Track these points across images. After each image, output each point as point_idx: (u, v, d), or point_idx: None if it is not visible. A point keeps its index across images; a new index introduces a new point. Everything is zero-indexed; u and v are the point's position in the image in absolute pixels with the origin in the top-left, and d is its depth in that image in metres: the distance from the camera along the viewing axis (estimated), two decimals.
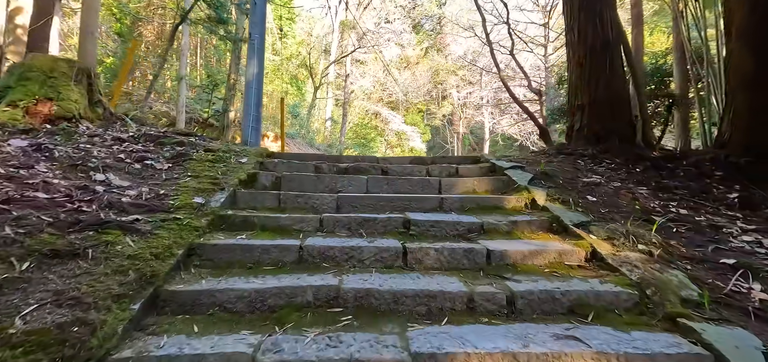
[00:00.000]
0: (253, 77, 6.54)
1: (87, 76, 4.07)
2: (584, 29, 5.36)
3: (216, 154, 3.83)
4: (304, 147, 20.94)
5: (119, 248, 1.99)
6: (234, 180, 3.35)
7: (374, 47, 24.28)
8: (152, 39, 21.79)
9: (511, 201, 3.40)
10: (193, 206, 2.70)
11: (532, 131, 24.65)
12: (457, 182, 3.82)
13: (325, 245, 2.47)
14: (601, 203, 3.36)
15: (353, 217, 2.93)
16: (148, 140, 3.84)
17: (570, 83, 5.60)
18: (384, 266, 2.44)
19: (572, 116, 5.48)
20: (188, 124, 15.99)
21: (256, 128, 6.48)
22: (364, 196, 3.38)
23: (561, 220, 2.96)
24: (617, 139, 5.00)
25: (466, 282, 2.23)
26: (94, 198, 2.35)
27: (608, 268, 2.40)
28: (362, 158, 4.62)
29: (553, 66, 20.47)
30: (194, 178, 3.23)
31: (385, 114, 27.24)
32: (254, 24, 6.86)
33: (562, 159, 4.61)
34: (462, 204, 3.36)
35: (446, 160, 4.70)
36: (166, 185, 2.96)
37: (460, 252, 2.50)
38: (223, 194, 3.06)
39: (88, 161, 2.90)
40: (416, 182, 3.78)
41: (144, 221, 2.30)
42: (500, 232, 2.92)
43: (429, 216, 3.03)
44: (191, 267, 2.23)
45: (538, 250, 2.55)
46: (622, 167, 4.36)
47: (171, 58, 20.52)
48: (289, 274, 2.24)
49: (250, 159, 3.98)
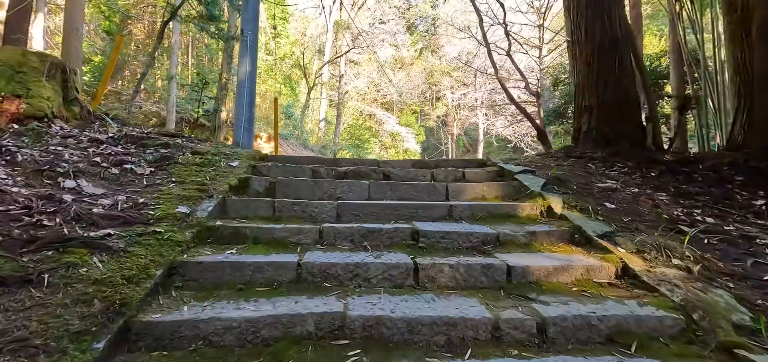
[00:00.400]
0: (246, 76, 6.21)
1: (62, 71, 3.72)
2: (592, 27, 5.13)
3: (204, 157, 3.50)
4: (297, 148, 20.57)
5: (84, 271, 1.67)
6: (224, 186, 3.03)
7: (369, 48, 23.99)
8: (142, 37, 21.27)
9: (525, 209, 3.13)
10: (177, 217, 2.38)
11: (527, 133, 24.57)
12: (465, 188, 3.54)
13: (326, 261, 2.17)
14: (622, 210, 3.11)
15: (356, 228, 2.63)
16: (129, 141, 3.50)
17: (576, 83, 5.37)
18: (393, 285, 2.15)
19: (579, 117, 5.24)
20: (179, 124, 15.55)
21: (248, 128, 6.14)
22: (366, 203, 3.08)
23: (583, 230, 2.69)
24: (627, 142, 4.77)
25: (488, 304, 1.94)
26: (58, 210, 2.03)
27: (644, 287, 2.14)
28: (362, 162, 4.32)
29: (548, 68, 20.36)
30: (179, 184, 2.91)
31: (379, 115, 26.96)
32: (247, 21, 6.52)
33: (572, 163, 4.36)
34: (472, 212, 3.08)
35: (451, 163, 4.43)
36: (146, 193, 2.64)
37: (477, 269, 2.22)
38: (211, 202, 2.74)
39: (57, 166, 2.57)
40: (421, 188, 3.49)
41: (117, 236, 1.98)
42: (517, 244, 2.64)
43: (439, 226, 2.75)
44: (172, 290, 1.92)
45: (563, 266, 2.28)
46: (636, 171, 4.12)
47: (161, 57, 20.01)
48: (286, 297, 1.94)
49: (242, 163, 3.66)
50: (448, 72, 28.56)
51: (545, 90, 17.23)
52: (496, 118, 26.09)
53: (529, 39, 20.81)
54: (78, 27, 9.19)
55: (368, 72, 26.79)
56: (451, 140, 29.84)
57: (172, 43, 13.32)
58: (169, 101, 12.99)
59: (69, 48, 9.05)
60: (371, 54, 25.15)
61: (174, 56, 12.92)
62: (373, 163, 4.33)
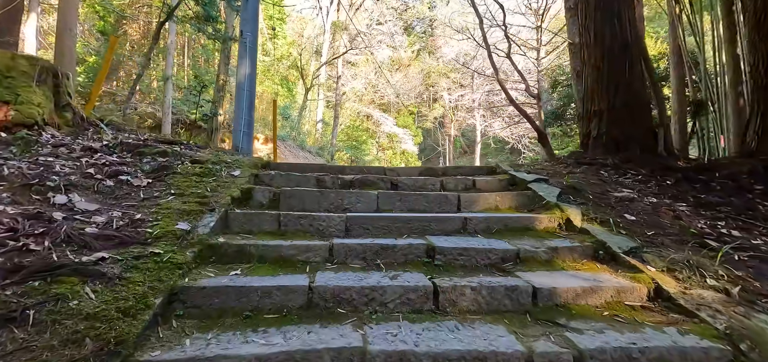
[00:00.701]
0: (245, 78, 6.02)
1: (53, 75, 3.51)
2: (601, 30, 4.99)
3: (204, 166, 3.32)
4: (294, 149, 20.36)
5: (74, 304, 1.49)
6: (226, 198, 2.85)
7: (366, 49, 23.82)
8: (138, 38, 20.97)
9: (542, 221, 2.98)
10: (177, 235, 2.20)
11: (524, 134, 24.51)
12: (478, 198, 3.38)
13: (339, 285, 2.00)
14: (643, 223, 2.96)
15: (368, 244, 2.46)
16: (125, 149, 3.31)
17: (585, 87, 5.23)
18: (412, 310, 1.99)
19: (588, 122, 5.11)
20: (175, 126, 15.31)
21: (248, 133, 5.95)
22: (375, 216, 2.92)
23: (608, 246, 2.54)
24: (638, 147, 4.64)
25: (517, 333, 1.79)
26: (47, 231, 1.84)
27: (681, 311, 1.99)
28: (368, 170, 4.16)
29: (545, 70, 20.31)
30: (178, 197, 2.73)
31: (376, 116, 26.79)
32: (246, 21, 6.33)
33: (584, 170, 4.22)
34: (488, 225, 2.92)
35: (460, 171, 4.28)
36: (143, 207, 2.45)
37: (500, 291, 2.06)
38: (212, 217, 2.56)
39: (47, 179, 2.38)
40: (432, 199, 3.33)
41: (112, 259, 1.80)
42: (539, 261, 2.49)
43: (455, 242, 2.59)
44: (172, 320, 1.74)
45: (591, 287, 2.12)
46: (651, 179, 3.99)
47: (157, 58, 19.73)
48: (298, 325, 1.78)
49: (244, 171, 3.49)
50: (445, 73, 28.47)
51: (543, 92, 17.16)
52: (494, 119, 26.04)
53: (526, 41, 20.75)
54: (71, 27, 8.93)
55: (366, 73, 26.64)
56: (448, 141, 29.74)
57: (168, 44, 13.08)
58: (165, 103, 12.74)
59: (62, 48, 8.80)
60: (369, 55, 24.99)
61: (170, 57, 12.68)
62: (379, 171, 4.17)
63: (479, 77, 24.19)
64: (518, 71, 11.94)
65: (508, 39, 12.41)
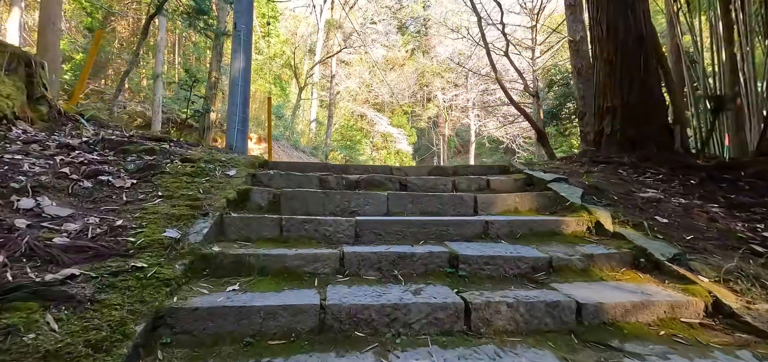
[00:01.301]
0: (240, 73, 5.67)
1: (26, 64, 3.14)
2: (614, 23, 4.76)
3: (196, 165, 2.99)
4: (288, 149, 19.96)
5: (31, 338, 1.17)
6: (220, 201, 2.53)
7: (360, 48, 23.49)
8: (127, 35, 20.39)
9: (569, 225, 2.71)
10: (164, 244, 1.88)
11: (518, 134, 24.41)
12: (495, 200, 3.10)
13: (355, 303, 1.70)
14: (677, 226, 2.71)
15: (383, 253, 2.16)
16: (107, 147, 2.97)
17: (597, 83, 4.99)
18: (441, 332, 1.70)
19: (601, 119, 4.87)
20: (165, 125, 14.83)
21: (242, 130, 5.61)
22: (387, 220, 2.62)
23: (649, 253, 2.28)
24: (654, 145, 4.41)
25: (567, 359, 1.51)
26: (5, 242, 1.51)
27: (750, 330, 1.72)
28: (374, 169, 3.86)
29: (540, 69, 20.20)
30: (167, 199, 2.40)
31: (371, 116, 26.49)
32: (240, 13, 5.98)
33: (601, 169, 3.97)
34: (511, 229, 2.64)
35: (471, 170, 4.00)
36: (126, 212, 2.12)
37: (540, 308, 1.78)
38: (206, 222, 2.24)
39: (12, 180, 2.04)
40: (446, 200, 3.04)
41: (84, 277, 1.48)
42: (574, 270, 2.21)
43: (478, 249, 2.30)
44: (157, 351, 1.43)
45: (641, 302, 1.85)
46: (673, 178, 3.75)
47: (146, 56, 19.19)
48: (309, 354, 1.48)
49: (240, 171, 3.16)
50: (439, 73, 28.27)
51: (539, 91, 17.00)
52: (488, 119, 25.89)
53: (521, 40, 20.60)
54: (55, 21, 8.48)
55: (360, 72, 26.31)
56: (442, 141, 29.55)
57: (158, 40, 12.62)
58: (155, 101, 12.29)
59: (45, 43, 8.34)
60: (363, 54, 24.67)
61: (160, 54, 12.23)
62: (386, 170, 3.87)
63: (474, 77, 24.01)
64: (517, 70, 11.74)
65: (505, 37, 12.19)
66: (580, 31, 9.53)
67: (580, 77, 9.39)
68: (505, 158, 26.33)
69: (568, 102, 15.05)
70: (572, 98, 14.50)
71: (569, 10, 9.77)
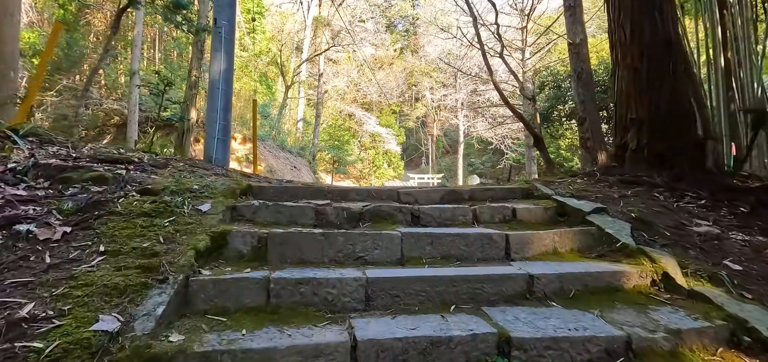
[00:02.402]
0: (220, 75, 4.96)
1: None
2: (639, 25, 4.25)
3: (158, 199, 2.31)
4: (275, 150, 19.14)
5: None
6: (187, 253, 1.88)
7: (349, 46, 22.75)
8: (103, 28, 19.17)
9: (629, 276, 2.15)
10: (91, 347, 1.23)
11: (507, 135, 24.11)
12: (529, 239, 2.52)
13: None
14: (756, 276, 2.19)
15: (410, 339, 1.56)
16: (41, 175, 2.27)
17: (619, 92, 4.48)
18: None
19: (624, 132, 4.36)
20: (143, 124, 13.88)
21: (224, 140, 4.91)
22: (405, 276, 2.01)
23: (751, 328, 1.73)
24: (686, 163, 3.92)
25: None
26: None
27: None
28: (378, 193, 3.24)
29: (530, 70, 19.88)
30: (111, 257, 1.74)
31: (359, 115, 25.82)
32: (221, 8, 5.26)
33: (636, 192, 3.45)
34: (561, 285, 2.07)
35: (490, 194, 3.41)
36: (43, 288, 1.46)
37: None
38: (163, 295, 1.59)
39: None
40: (472, 240, 2.44)
41: None
42: (660, 354, 1.65)
43: (531, 322, 1.72)
44: None
45: None
46: (718, 204, 3.26)
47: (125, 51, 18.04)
48: None
49: (217, 204, 2.50)
50: (428, 73, 27.77)
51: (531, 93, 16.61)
52: (476, 119, 25.52)
53: (511, 41, 20.22)
54: (13, 12, 7.51)
55: (348, 71, 25.57)
56: (431, 141, 29.10)
57: (135, 35, 11.68)
58: (131, 100, 11.37)
59: (3, 37, 7.40)
60: (351, 53, 23.94)
61: (136, 49, 11.30)
62: (391, 195, 3.26)
63: (462, 77, 23.57)
64: (513, 73, 11.28)
65: (500, 38, 11.71)
66: (580, 34, 9.08)
67: (580, 82, 8.94)
68: (494, 159, 26.04)
69: (559, 104, 14.72)
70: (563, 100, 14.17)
71: (569, 12, 9.30)
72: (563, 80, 14.04)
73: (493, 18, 12.93)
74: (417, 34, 28.41)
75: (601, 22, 19.30)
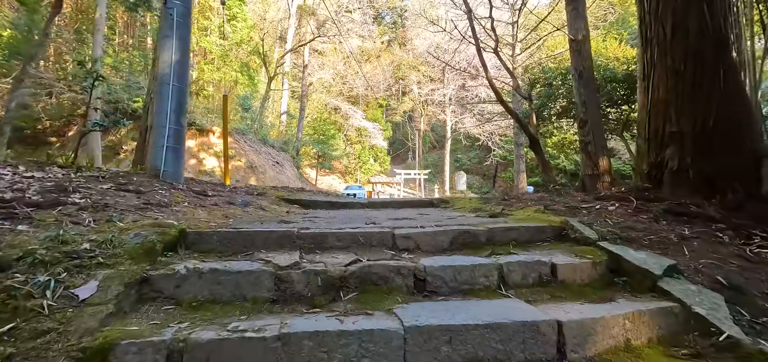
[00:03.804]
0: (171, 68, 3.95)
1: None
2: (683, 20, 3.45)
3: (2, 281, 1.37)
4: (256, 144, 17.97)
5: None
6: None
7: (335, 37, 21.59)
8: (69, 11, 17.54)
9: None
10: None
11: (494, 131, 23.47)
12: (593, 329, 1.68)
13: None
14: None
15: None
16: None
17: (653, 99, 3.69)
18: None
19: (660, 147, 3.58)
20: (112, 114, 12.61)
21: (176, 148, 3.92)
22: None
23: None
24: (740, 188, 3.16)
25: None
26: None
27: None
28: (365, 238, 2.35)
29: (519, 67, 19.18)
30: None
31: (345, 109, 24.76)
32: None
33: (696, 232, 2.67)
34: None
35: (513, 234, 2.56)
36: None
37: None
38: None
39: None
40: (511, 333, 1.59)
41: None
42: None
43: None
44: None
45: None
46: None
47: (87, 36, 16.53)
48: None
49: (111, 280, 1.56)
50: (415, 66, 26.85)
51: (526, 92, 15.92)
52: (464, 115, 24.80)
53: (501, 36, 19.47)
54: None
55: (334, 63, 24.41)
56: (418, 136, 28.27)
57: (96, 18, 10.37)
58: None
59: None
60: (337, 44, 22.78)
61: (98, 34, 10.02)
62: (385, 241, 2.37)
63: (451, 72, 22.75)
64: (508, 69, 10.50)
65: (495, 33, 10.88)
66: (583, 30, 8.32)
67: (581, 81, 8.20)
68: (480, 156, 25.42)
69: (550, 103, 14.05)
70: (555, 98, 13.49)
71: (571, 6, 8.51)
72: (555, 78, 13.36)
73: (482, 12, 12.13)
74: (405, 26, 27.38)
75: (594, 20, 18.68)
